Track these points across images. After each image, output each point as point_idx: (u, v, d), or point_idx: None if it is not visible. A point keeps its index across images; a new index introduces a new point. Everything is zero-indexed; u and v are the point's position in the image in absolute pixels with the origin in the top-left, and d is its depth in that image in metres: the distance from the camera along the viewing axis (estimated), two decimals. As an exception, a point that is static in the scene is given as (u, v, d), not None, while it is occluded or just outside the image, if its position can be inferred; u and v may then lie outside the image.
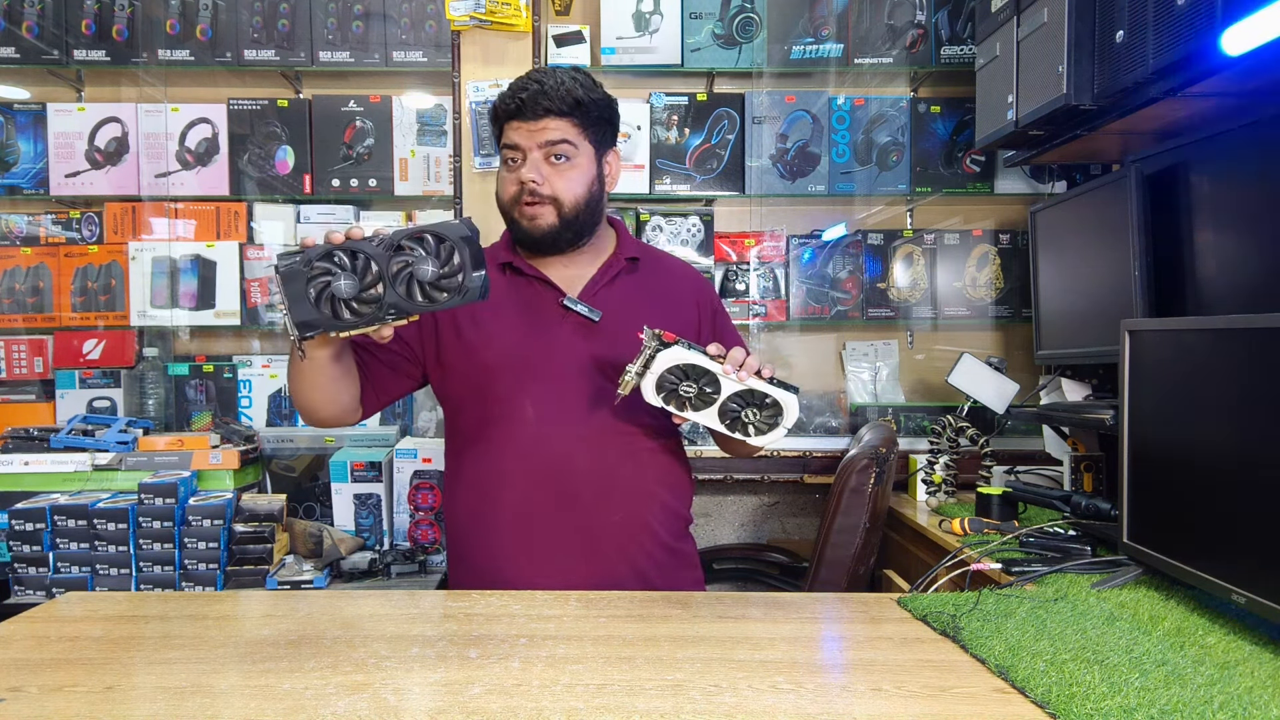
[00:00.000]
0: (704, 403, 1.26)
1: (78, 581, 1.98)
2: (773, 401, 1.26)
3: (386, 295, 1.05)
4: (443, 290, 1.06)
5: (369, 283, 1.05)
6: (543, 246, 1.43)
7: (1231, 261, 1.65)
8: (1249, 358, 1.12)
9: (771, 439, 1.28)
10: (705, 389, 1.25)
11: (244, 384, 2.54)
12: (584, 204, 1.41)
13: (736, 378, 1.24)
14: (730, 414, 1.27)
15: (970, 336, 2.69)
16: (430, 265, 1.04)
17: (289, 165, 2.57)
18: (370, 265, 1.04)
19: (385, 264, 1.04)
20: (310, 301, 1.03)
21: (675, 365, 1.24)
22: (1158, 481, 1.30)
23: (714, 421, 1.27)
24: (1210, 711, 0.87)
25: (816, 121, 2.57)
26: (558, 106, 1.37)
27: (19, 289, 2.56)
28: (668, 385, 1.25)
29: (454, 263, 1.04)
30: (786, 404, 1.26)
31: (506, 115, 1.40)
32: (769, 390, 1.25)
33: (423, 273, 1.04)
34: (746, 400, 1.26)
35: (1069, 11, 1.70)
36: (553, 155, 1.39)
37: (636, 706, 0.89)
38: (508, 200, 1.43)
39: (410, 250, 1.04)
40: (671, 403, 1.26)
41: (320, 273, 1.03)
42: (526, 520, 1.40)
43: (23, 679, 0.97)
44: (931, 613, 1.18)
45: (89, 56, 2.53)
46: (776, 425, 1.27)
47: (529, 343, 1.41)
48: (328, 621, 1.17)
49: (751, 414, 1.27)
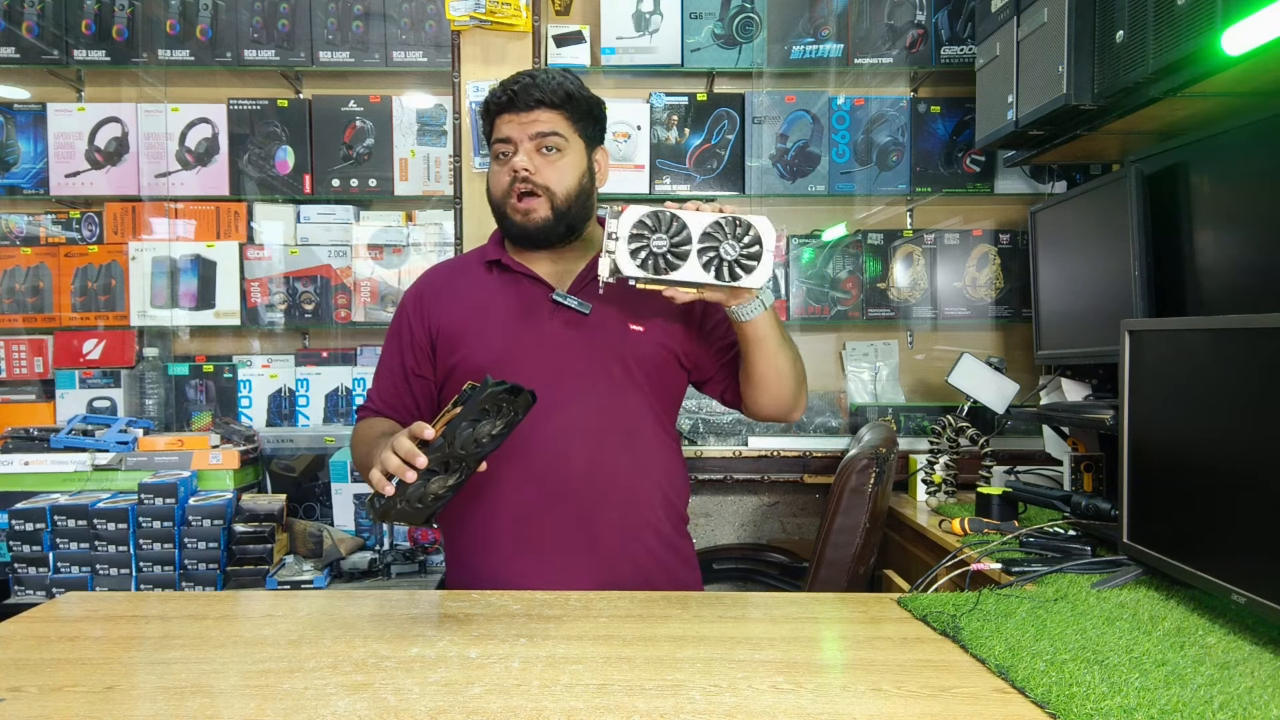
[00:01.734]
0: (680, 257, 1.24)
1: (78, 581, 1.98)
2: (746, 226, 1.23)
3: (468, 462, 1.18)
4: (499, 424, 1.19)
5: (450, 468, 1.17)
6: (536, 241, 1.43)
7: (1231, 261, 1.65)
8: (1249, 358, 1.12)
9: (763, 273, 1.24)
10: (676, 239, 1.23)
11: (244, 384, 2.54)
12: (575, 196, 1.42)
13: (699, 213, 1.23)
14: (711, 256, 1.24)
15: (970, 336, 2.69)
16: (485, 424, 1.17)
17: (289, 165, 2.57)
18: (446, 462, 1.16)
19: (453, 451, 1.15)
20: (421, 509, 1.18)
21: (640, 217, 1.23)
22: (1158, 481, 1.30)
23: (699, 273, 1.24)
24: (1210, 711, 0.86)
25: (816, 121, 2.57)
26: (549, 98, 1.39)
27: (19, 289, 2.56)
28: (641, 244, 1.23)
29: (502, 407, 1.17)
30: (758, 223, 1.23)
31: (498, 109, 1.42)
32: (736, 214, 1.23)
33: (482, 430, 1.17)
34: (721, 234, 1.23)
35: (1069, 11, 1.70)
36: (544, 146, 1.40)
37: (636, 706, 0.89)
38: (500, 194, 1.43)
39: (464, 431, 1.16)
40: (649, 265, 1.24)
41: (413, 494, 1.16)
42: (523, 518, 1.39)
43: (23, 679, 0.97)
44: (931, 613, 1.18)
45: (89, 56, 2.53)
46: (760, 255, 1.24)
47: (520, 340, 1.42)
48: (328, 621, 1.17)
49: (731, 247, 1.23)
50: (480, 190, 2.30)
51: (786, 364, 1.39)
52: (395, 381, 1.50)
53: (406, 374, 1.50)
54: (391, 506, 1.15)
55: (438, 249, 2.57)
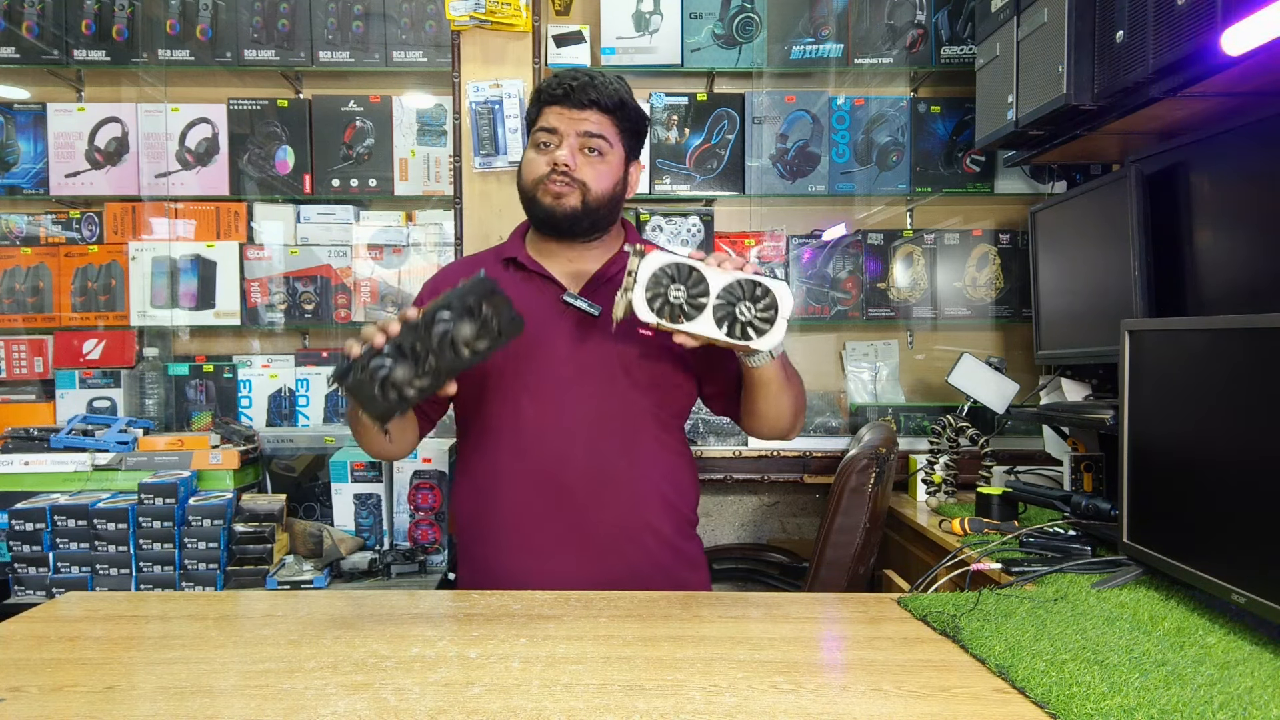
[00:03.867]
0: (696, 309, 1.24)
1: (78, 581, 1.98)
2: (764, 291, 1.24)
3: (439, 363, 1.17)
4: (482, 339, 1.18)
5: (420, 358, 1.16)
6: (560, 229, 1.44)
7: (1231, 261, 1.65)
8: (1249, 358, 1.12)
9: (774, 337, 1.25)
10: (693, 291, 1.24)
11: (244, 384, 2.54)
12: (608, 199, 1.44)
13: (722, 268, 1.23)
14: (726, 315, 1.25)
15: (970, 336, 2.69)
16: (466, 325, 1.16)
17: (289, 165, 2.57)
18: (415, 346, 1.16)
19: (427, 339, 1.15)
20: (378, 396, 1.15)
21: (659, 268, 1.23)
22: (1158, 481, 1.30)
23: (712, 329, 1.25)
24: (1210, 711, 0.86)
25: (816, 121, 2.57)
26: (603, 101, 1.40)
27: (19, 289, 2.56)
28: (658, 294, 1.24)
29: (485, 314, 1.17)
30: (777, 289, 1.24)
31: (550, 99, 1.42)
32: (756, 278, 1.24)
33: (461, 333, 1.16)
34: (738, 294, 1.24)
35: (1069, 11, 1.70)
36: (588, 146, 1.41)
37: (636, 706, 0.89)
38: (532, 181, 1.43)
39: (444, 320, 1.16)
40: (665, 314, 1.25)
41: (377, 369, 1.15)
42: (524, 517, 1.40)
43: (23, 679, 0.97)
44: (931, 613, 1.18)
45: (89, 56, 2.53)
46: (774, 320, 1.24)
47: (528, 337, 1.41)
48: (328, 621, 1.17)
49: (746, 309, 1.24)
50: (480, 190, 2.30)
51: (788, 403, 1.42)
52: None
53: None
54: (351, 372, 1.14)
55: (438, 249, 2.57)
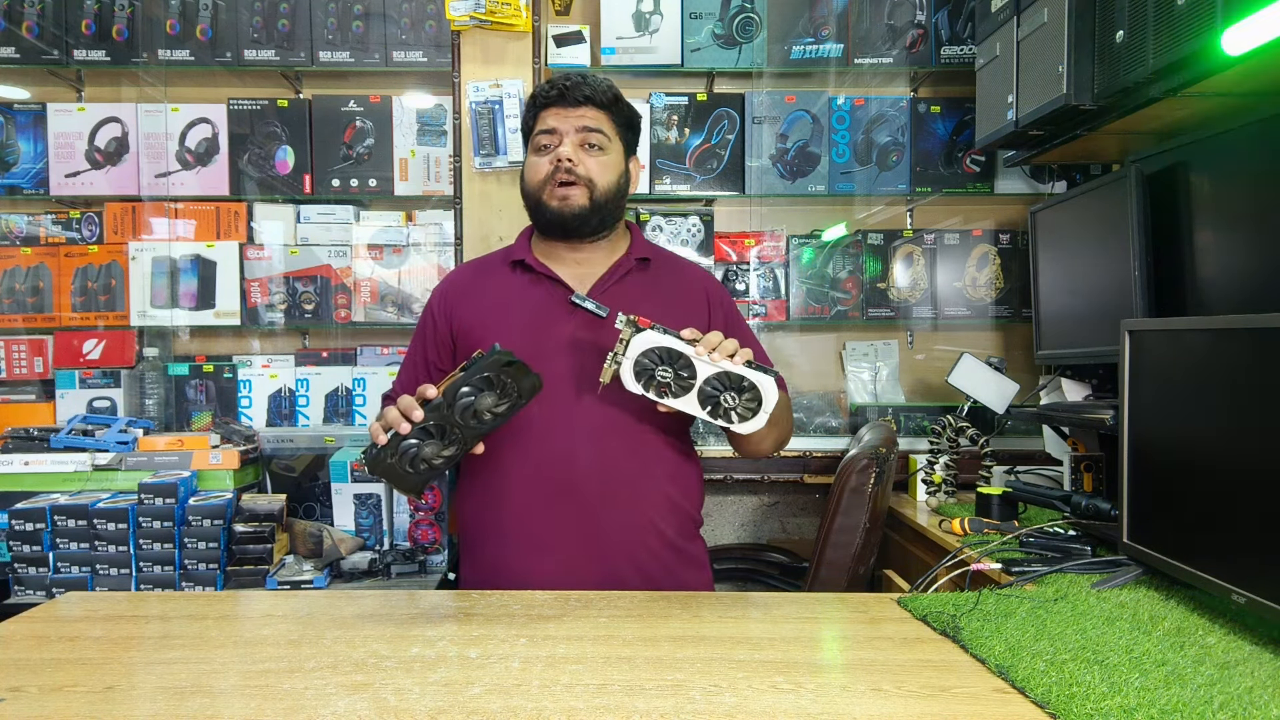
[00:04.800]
0: (682, 388, 1.26)
1: (78, 581, 1.98)
2: (750, 385, 1.26)
3: (464, 434, 1.21)
4: (503, 405, 1.22)
5: (449, 442, 1.20)
6: (569, 229, 1.46)
7: (1231, 261, 1.65)
8: (1249, 358, 1.12)
9: (755, 425, 1.27)
10: (681, 373, 1.25)
11: (244, 384, 2.54)
12: (612, 194, 1.47)
13: (710, 359, 1.24)
14: (710, 400, 1.27)
15: (970, 336, 2.69)
16: (488, 397, 1.20)
17: (289, 165, 2.57)
18: (444, 428, 1.19)
19: (450, 416, 1.19)
20: (409, 474, 1.19)
21: (650, 349, 1.24)
22: (1158, 481, 1.30)
23: (695, 408, 1.27)
24: (1210, 711, 0.86)
25: (816, 121, 2.57)
26: (597, 97, 1.45)
27: (19, 289, 2.56)
28: (645, 370, 1.26)
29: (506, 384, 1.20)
30: (763, 386, 1.26)
31: (545, 102, 1.46)
32: (743, 373, 1.25)
33: (483, 404, 1.20)
34: (724, 384, 1.26)
35: (1069, 11, 1.70)
36: (587, 142, 1.45)
37: (636, 706, 0.89)
38: (537, 184, 1.46)
39: (465, 395, 1.19)
40: (651, 389, 1.27)
41: (406, 449, 1.18)
42: (530, 516, 1.41)
43: (23, 679, 0.97)
44: (931, 613, 1.18)
45: (89, 56, 2.53)
46: (757, 410, 1.27)
47: (536, 339, 1.43)
48: (328, 621, 1.17)
49: (730, 398, 1.26)
50: (480, 190, 2.30)
51: (771, 440, 1.47)
52: (417, 374, 1.54)
53: (428, 367, 1.54)
54: (381, 458, 1.18)
55: (437, 249, 2.57)
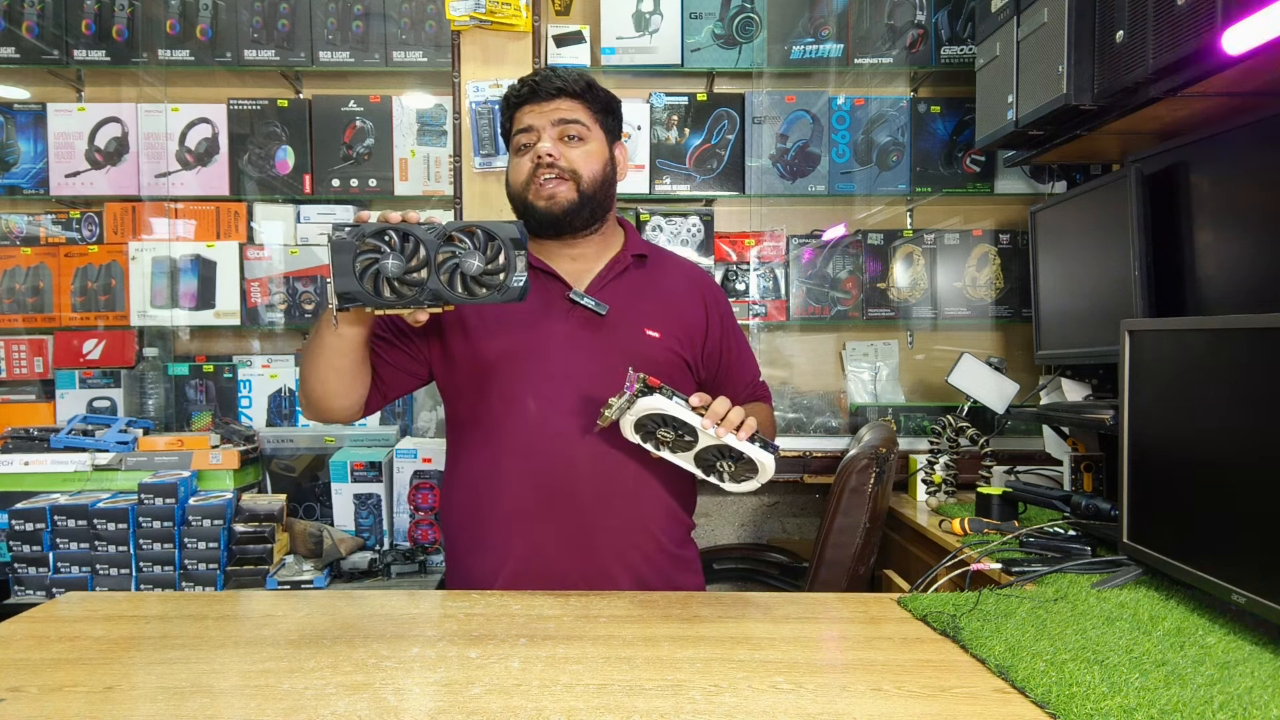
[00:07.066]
0: (681, 448, 1.26)
1: (78, 581, 1.98)
2: (748, 459, 1.23)
3: (429, 281, 1.09)
4: (483, 286, 1.10)
5: (414, 266, 1.09)
6: (560, 226, 1.43)
7: (1231, 261, 1.64)
8: (1249, 358, 1.12)
9: (743, 490, 1.27)
10: (684, 437, 1.24)
11: (244, 384, 2.54)
12: (600, 182, 1.44)
13: (715, 433, 1.21)
14: (705, 462, 1.26)
15: (970, 336, 2.69)
16: (476, 260, 1.08)
17: (289, 165, 2.57)
18: (419, 249, 1.08)
19: (433, 251, 1.08)
20: (355, 274, 1.07)
21: (652, 412, 1.22)
22: (1158, 481, 1.30)
23: (689, 465, 1.27)
24: (1210, 711, 0.86)
25: (816, 121, 2.57)
26: (570, 88, 1.42)
27: (19, 289, 2.56)
28: (647, 426, 1.25)
29: (499, 261, 1.09)
30: (763, 464, 1.23)
31: (518, 101, 1.44)
32: (746, 450, 1.22)
33: (468, 266, 1.08)
34: (723, 453, 1.24)
35: (1069, 11, 1.70)
36: (566, 134, 1.42)
37: (636, 706, 0.89)
38: (520, 184, 1.43)
39: (459, 242, 1.08)
40: (649, 443, 1.27)
41: (370, 249, 1.08)
42: (522, 517, 1.37)
43: (23, 679, 0.97)
44: (931, 613, 1.18)
45: (89, 56, 2.53)
46: (751, 480, 1.26)
47: (533, 335, 1.40)
48: (328, 621, 1.17)
49: (727, 465, 1.25)
50: (480, 190, 2.30)
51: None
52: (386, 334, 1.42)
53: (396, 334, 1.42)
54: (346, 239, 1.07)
55: (438, 249, 2.57)
